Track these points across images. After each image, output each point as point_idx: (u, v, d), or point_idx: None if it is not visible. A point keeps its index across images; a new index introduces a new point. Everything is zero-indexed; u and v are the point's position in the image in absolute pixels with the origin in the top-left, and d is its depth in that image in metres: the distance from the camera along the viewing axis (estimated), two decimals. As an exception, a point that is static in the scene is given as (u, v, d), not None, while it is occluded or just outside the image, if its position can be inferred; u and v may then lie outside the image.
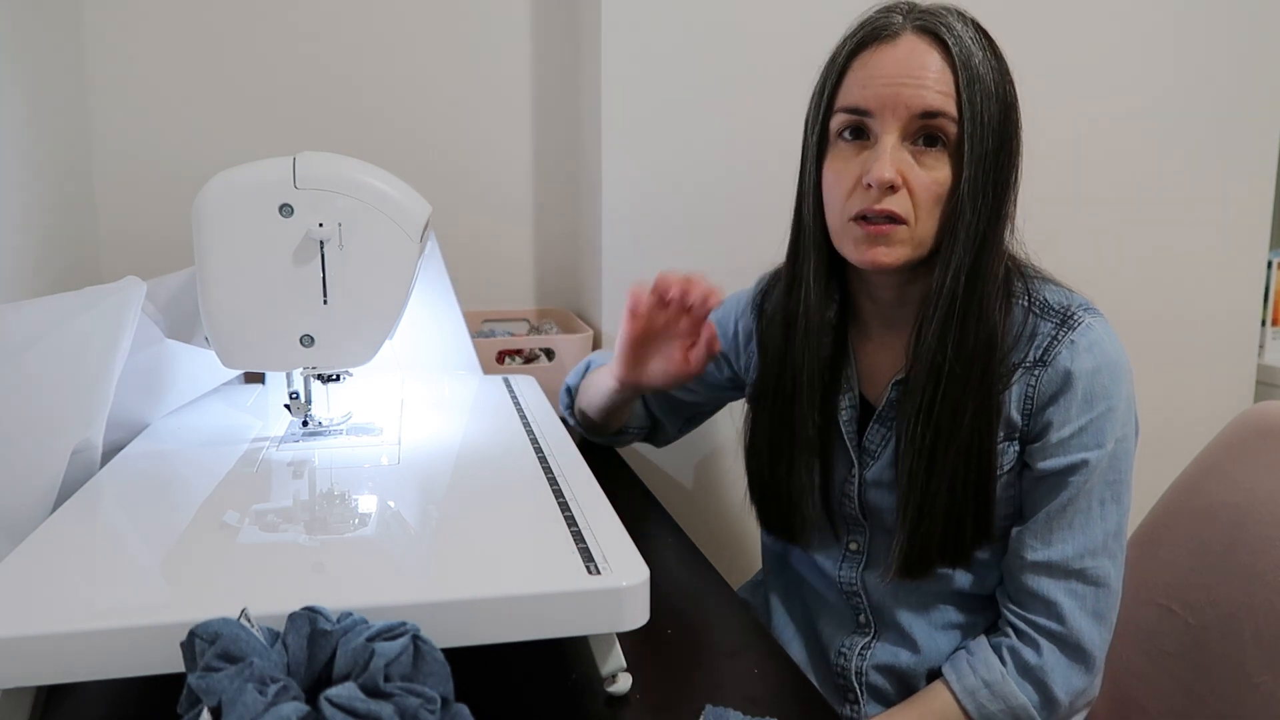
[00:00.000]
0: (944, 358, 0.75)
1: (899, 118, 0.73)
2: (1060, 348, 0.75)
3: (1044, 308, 0.78)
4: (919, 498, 0.77)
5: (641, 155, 1.27)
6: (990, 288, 0.75)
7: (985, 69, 0.73)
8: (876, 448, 0.84)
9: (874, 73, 0.74)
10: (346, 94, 1.33)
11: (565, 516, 0.59)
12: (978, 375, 0.75)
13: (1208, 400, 1.61)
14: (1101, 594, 0.76)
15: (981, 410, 0.75)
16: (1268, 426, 0.84)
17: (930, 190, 0.74)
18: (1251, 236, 1.60)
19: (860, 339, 0.87)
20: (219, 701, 0.37)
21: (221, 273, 0.69)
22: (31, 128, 1.06)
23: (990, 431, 0.76)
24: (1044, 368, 0.76)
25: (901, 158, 0.74)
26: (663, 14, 1.24)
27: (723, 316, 1.00)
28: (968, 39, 0.74)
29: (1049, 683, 0.75)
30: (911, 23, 0.74)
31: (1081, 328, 0.76)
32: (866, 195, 0.74)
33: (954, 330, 0.75)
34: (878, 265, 0.75)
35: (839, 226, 0.78)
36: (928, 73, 0.73)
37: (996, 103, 0.73)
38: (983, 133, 0.73)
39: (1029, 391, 0.76)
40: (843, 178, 0.76)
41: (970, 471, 0.76)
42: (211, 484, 0.66)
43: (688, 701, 0.53)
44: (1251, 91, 1.54)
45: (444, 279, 0.97)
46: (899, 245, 0.75)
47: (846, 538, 0.89)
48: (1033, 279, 0.80)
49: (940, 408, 0.75)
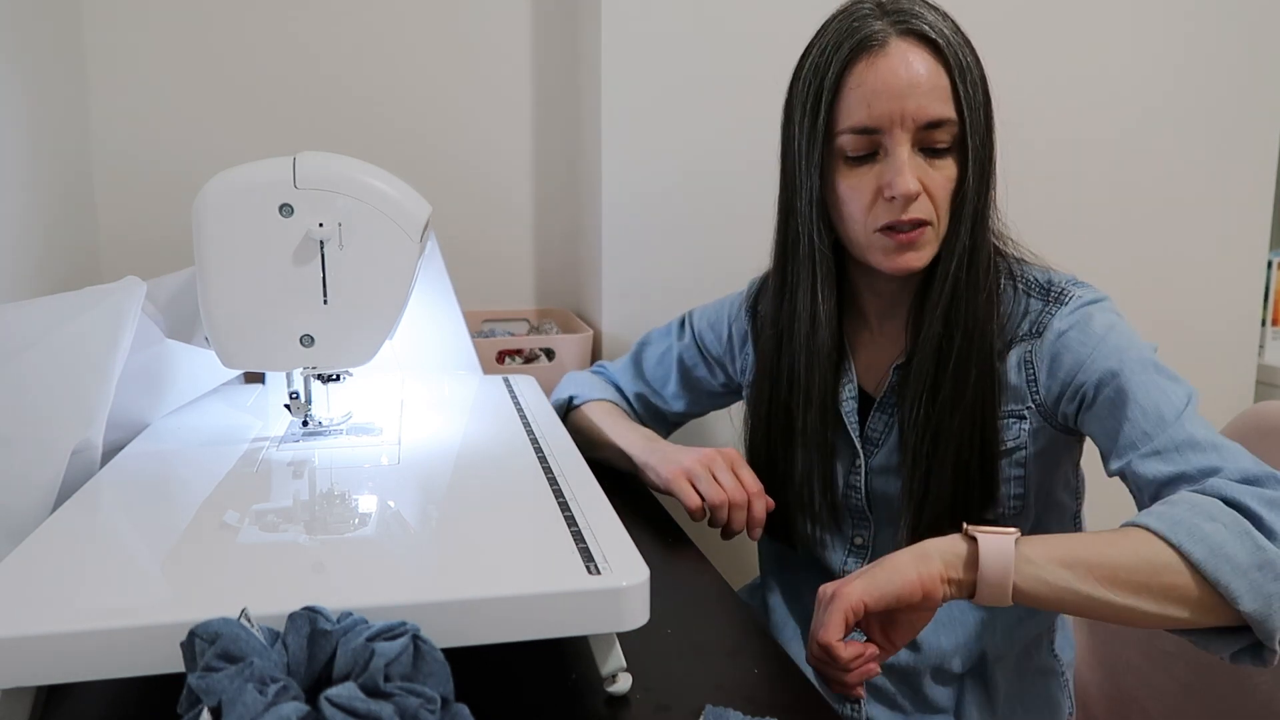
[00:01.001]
0: (951, 340, 0.77)
1: (908, 129, 0.74)
2: (1051, 319, 0.78)
3: (1031, 285, 0.80)
4: (924, 474, 0.78)
5: (642, 155, 1.27)
6: (984, 268, 0.77)
7: (967, 58, 0.75)
8: (880, 435, 0.85)
9: (875, 89, 0.74)
10: (346, 94, 1.33)
11: (565, 516, 0.59)
12: (977, 347, 0.77)
13: (1208, 400, 1.60)
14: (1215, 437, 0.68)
15: (983, 380, 0.77)
16: (1268, 426, 0.84)
17: (944, 189, 0.76)
18: (1251, 237, 1.60)
19: (857, 330, 0.87)
20: (219, 701, 0.37)
21: (221, 273, 0.69)
22: (32, 128, 1.06)
23: (992, 404, 0.77)
24: (1038, 338, 0.78)
25: (917, 164, 0.75)
26: (663, 14, 1.24)
27: (715, 320, 1.00)
28: (948, 33, 0.75)
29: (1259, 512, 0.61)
30: (892, 27, 0.74)
31: (1071, 300, 0.78)
32: (891, 207, 0.75)
33: (958, 312, 0.77)
34: (911, 270, 0.78)
35: (864, 239, 0.79)
36: (926, 81, 0.73)
37: (982, 91, 0.76)
38: (980, 125, 0.76)
39: (1027, 358, 0.78)
40: (859, 193, 0.77)
41: (975, 444, 0.77)
42: (211, 484, 0.66)
43: (688, 701, 0.53)
44: (1251, 91, 1.53)
45: (444, 279, 0.97)
46: (927, 247, 0.77)
47: (852, 532, 0.89)
48: (1016, 261, 0.82)
49: (944, 385, 0.77)
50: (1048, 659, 0.88)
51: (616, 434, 0.93)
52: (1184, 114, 1.50)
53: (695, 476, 0.82)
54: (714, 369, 1.00)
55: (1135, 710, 0.92)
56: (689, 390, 1.03)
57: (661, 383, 1.03)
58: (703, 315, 1.02)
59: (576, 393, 1.03)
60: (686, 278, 1.30)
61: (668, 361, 1.03)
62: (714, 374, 1.00)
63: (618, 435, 0.93)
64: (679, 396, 1.03)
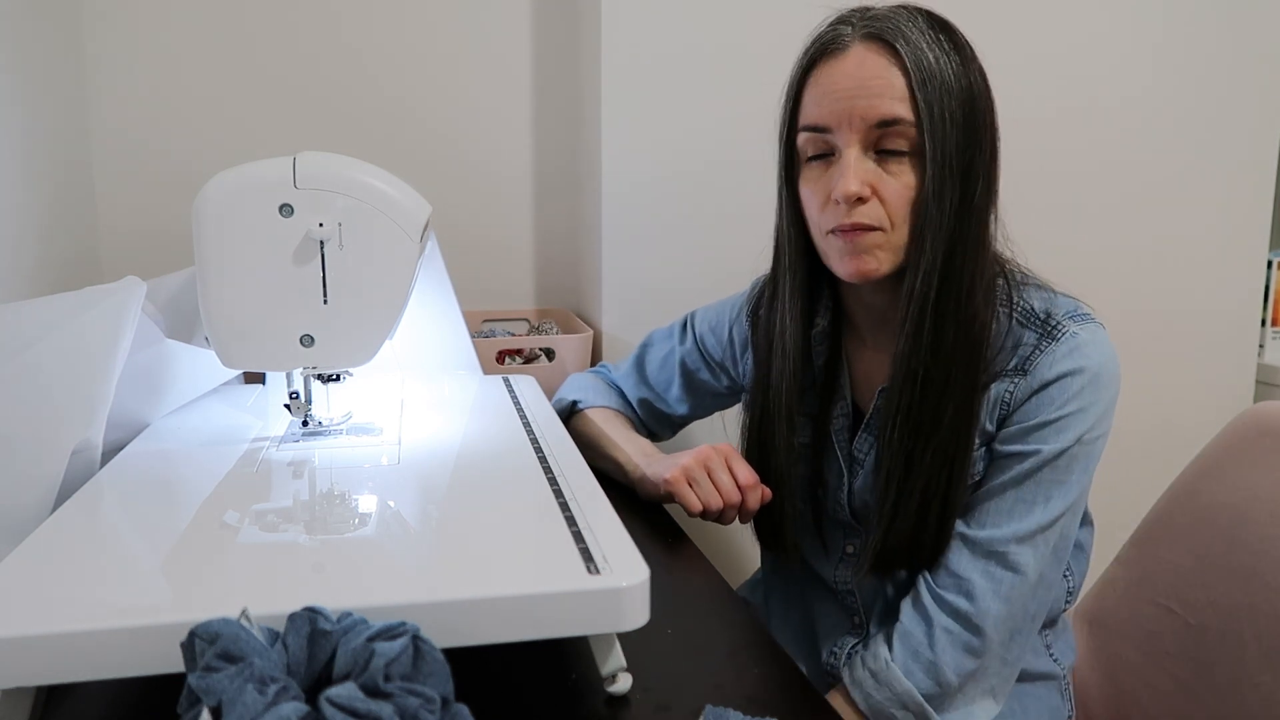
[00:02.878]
0: (919, 362, 0.74)
1: (857, 130, 0.73)
2: (1040, 357, 0.75)
3: (1028, 315, 0.77)
4: (894, 498, 0.77)
5: (642, 154, 1.27)
6: (967, 290, 0.73)
7: (941, 65, 0.71)
8: (864, 455, 0.84)
9: (827, 88, 0.74)
10: (346, 94, 1.33)
11: (565, 516, 0.58)
12: (958, 380, 0.74)
13: (1208, 400, 1.61)
14: (1017, 581, 0.74)
15: (961, 416, 0.74)
16: (1268, 426, 0.84)
17: (902, 196, 0.73)
18: (1251, 236, 1.60)
19: (855, 346, 0.86)
20: (219, 701, 0.37)
21: (221, 273, 0.69)
22: (32, 127, 1.06)
23: (968, 440, 0.75)
24: (1023, 376, 0.75)
25: (866, 168, 0.73)
26: (663, 14, 1.24)
27: (716, 324, 1.00)
28: (917, 39, 0.72)
29: (940, 664, 0.73)
30: (859, 32, 0.73)
31: (1065, 337, 0.74)
32: (837, 210, 0.74)
33: (927, 334, 0.73)
34: (864, 276, 0.75)
35: (821, 243, 0.78)
36: (878, 81, 0.72)
37: (956, 99, 0.72)
38: (944, 131, 0.71)
39: (1005, 398, 0.76)
40: (816, 195, 0.77)
41: (944, 477, 0.75)
42: (211, 484, 0.66)
43: (688, 701, 0.53)
44: (1251, 91, 1.54)
45: (444, 279, 0.97)
46: (880, 252, 0.74)
47: (844, 541, 0.89)
48: (1019, 285, 0.79)
49: (919, 412, 0.75)
50: (1047, 663, 0.88)
51: (615, 446, 0.94)
52: (1184, 114, 1.50)
53: (694, 479, 0.83)
54: (717, 372, 1.00)
55: (1135, 710, 0.91)
56: (692, 394, 1.02)
57: (665, 386, 1.03)
58: (704, 318, 1.01)
59: (580, 397, 1.03)
60: (687, 278, 1.30)
61: (670, 365, 1.02)
62: (717, 377, 1.00)
63: (616, 448, 0.94)
64: (682, 400, 1.02)
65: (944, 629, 0.74)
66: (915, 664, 0.74)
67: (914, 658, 0.74)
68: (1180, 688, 0.87)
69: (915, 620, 0.76)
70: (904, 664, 0.74)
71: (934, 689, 0.73)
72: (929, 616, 0.75)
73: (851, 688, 0.75)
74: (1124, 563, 0.96)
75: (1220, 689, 0.83)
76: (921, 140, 0.71)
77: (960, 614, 0.74)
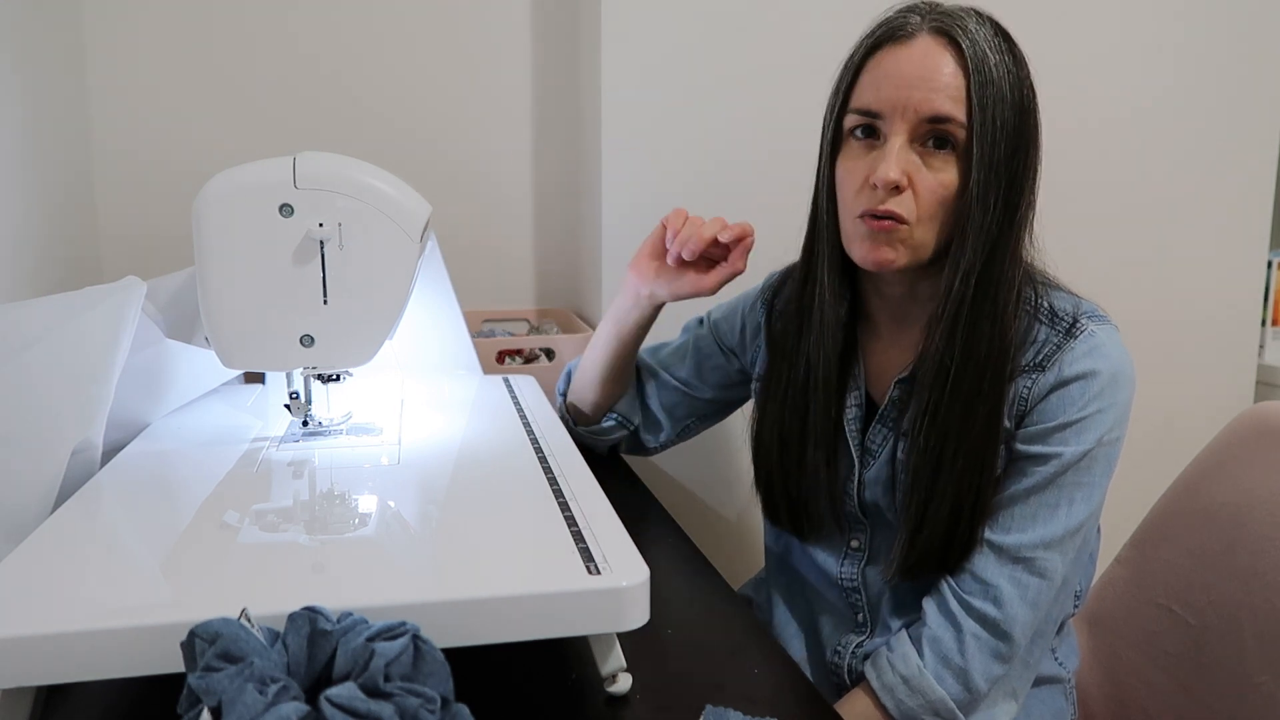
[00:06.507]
0: (952, 360, 0.75)
1: (908, 120, 0.73)
2: (1060, 354, 0.75)
3: (1050, 315, 0.77)
4: (923, 499, 0.77)
5: (642, 155, 1.27)
6: (1003, 294, 0.74)
7: (1000, 72, 0.72)
8: (877, 447, 0.84)
9: (887, 73, 0.74)
10: (346, 94, 1.33)
11: (565, 516, 0.58)
12: (989, 381, 0.75)
13: (1208, 400, 1.61)
14: (1044, 587, 0.75)
15: (991, 417, 0.75)
16: (1268, 426, 0.84)
17: (935, 193, 0.74)
18: (1251, 236, 1.60)
19: (869, 337, 0.87)
20: (219, 701, 0.37)
21: (221, 273, 0.69)
22: (32, 128, 1.06)
23: (996, 440, 0.76)
24: (1041, 373, 0.75)
25: (908, 159, 0.74)
26: (663, 14, 1.24)
27: (729, 314, 1.01)
28: (983, 41, 0.73)
29: (970, 671, 0.74)
30: (928, 24, 0.74)
31: (1084, 335, 0.75)
32: (873, 195, 0.75)
33: (962, 332, 0.74)
34: (881, 266, 0.76)
35: (849, 227, 0.78)
36: (939, 76, 0.72)
37: (1011, 107, 0.73)
38: (994, 137, 0.72)
39: (1023, 394, 0.76)
40: (853, 176, 0.77)
41: (974, 477, 0.76)
42: (211, 484, 0.66)
43: (688, 701, 0.53)
44: (1251, 91, 1.54)
45: (444, 279, 0.97)
46: (901, 246, 0.75)
47: (849, 534, 0.89)
48: (1043, 285, 0.79)
49: (948, 410, 0.75)
50: (1053, 667, 0.88)
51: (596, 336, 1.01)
52: (1184, 114, 1.50)
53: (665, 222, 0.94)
54: (729, 358, 1.01)
55: (1135, 710, 0.91)
56: (701, 377, 1.03)
57: (675, 366, 1.04)
58: (717, 310, 1.03)
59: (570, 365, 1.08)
60: (686, 278, 1.29)
61: (684, 349, 1.04)
62: (730, 362, 1.01)
63: (597, 336, 1.01)
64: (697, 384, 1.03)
65: (973, 635, 0.74)
66: (946, 670, 0.74)
67: (944, 664, 0.74)
68: (1180, 688, 0.87)
69: (944, 626, 0.76)
70: (935, 671, 0.74)
71: (964, 695, 0.74)
72: (957, 623, 0.75)
73: (882, 694, 0.75)
74: (1124, 563, 0.96)
75: (1220, 689, 0.83)
76: (969, 141, 0.72)
77: (989, 621, 0.74)
